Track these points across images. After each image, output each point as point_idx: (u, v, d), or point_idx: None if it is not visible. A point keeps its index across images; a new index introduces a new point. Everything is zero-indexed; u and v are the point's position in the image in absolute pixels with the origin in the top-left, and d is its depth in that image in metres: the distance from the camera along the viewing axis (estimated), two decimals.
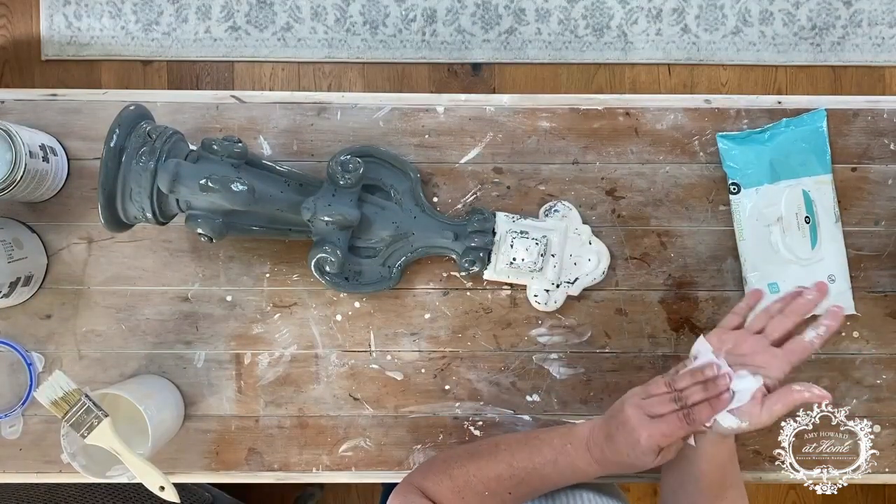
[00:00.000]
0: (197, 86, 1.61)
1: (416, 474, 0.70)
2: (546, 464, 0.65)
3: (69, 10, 1.60)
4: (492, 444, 0.69)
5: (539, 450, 0.66)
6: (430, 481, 0.67)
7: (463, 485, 0.66)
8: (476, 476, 0.66)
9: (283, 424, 0.81)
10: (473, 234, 0.77)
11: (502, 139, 0.81)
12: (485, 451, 0.68)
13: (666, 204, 0.81)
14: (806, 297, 0.63)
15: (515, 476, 0.66)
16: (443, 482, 0.67)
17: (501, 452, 0.67)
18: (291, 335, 0.81)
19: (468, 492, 0.66)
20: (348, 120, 0.81)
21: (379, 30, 1.59)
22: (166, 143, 0.68)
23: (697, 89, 1.61)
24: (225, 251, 0.81)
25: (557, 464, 0.65)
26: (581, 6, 1.60)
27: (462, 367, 0.81)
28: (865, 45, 1.59)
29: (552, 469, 0.65)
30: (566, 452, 0.65)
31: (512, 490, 0.66)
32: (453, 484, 0.67)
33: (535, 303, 0.80)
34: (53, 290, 0.80)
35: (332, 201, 0.72)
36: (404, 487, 0.68)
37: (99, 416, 0.69)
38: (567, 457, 0.65)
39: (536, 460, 0.66)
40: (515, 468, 0.66)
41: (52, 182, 0.77)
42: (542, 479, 0.66)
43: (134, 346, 0.81)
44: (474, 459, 0.68)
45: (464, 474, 0.67)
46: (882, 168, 0.81)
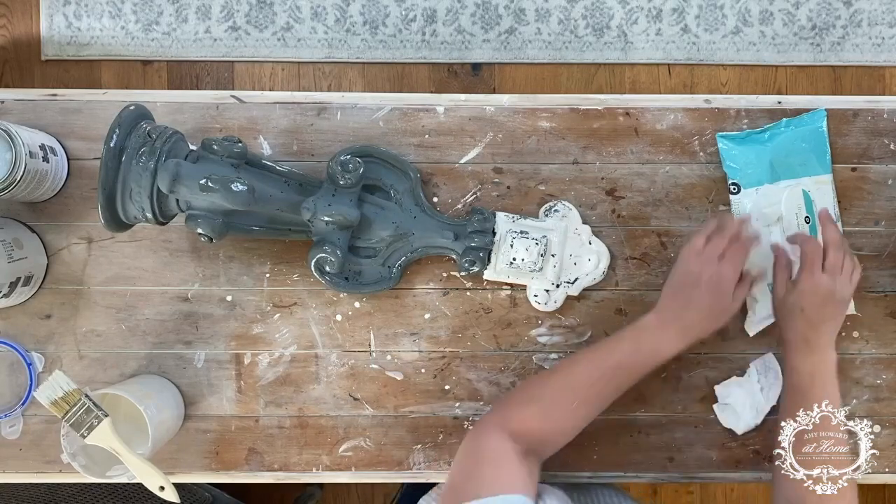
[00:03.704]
0: (197, 86, 1.61)
1: (492, 413, 0.70)
2: (628, 355, 0.68)
3: (69, 10, 1.60)
4: (566, 362, 0.71)
5: (617, 346, 0.69)
6: (513, 411, 0.68)
7: (550, 403, 0.68)
8: (562, 392, 0.68)
9: (283, 424, 0.81)
10: (473, 234, 0.77)
11: (502, 139, 0.81)
12: (562, 368, 0.70)
13: (666, 204, 0.81)
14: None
15: (603, 377, 0.68)
16: (527, 408, 0.68)
17: (580, 363, 0.69)
18: (291, 335, 0.81)
19: (555, 409, 0.68)
20: (348, 120, 0.81)
21: (379, 30, 1.59)
22: (166, 143, 0.68)
23: (697, 89, 1.61)
24: (225, 251, 0.81)
25: (640, 352, 0.68)
26: (581, 6, 1.60)
27: (462, 367, 0.81)
28: (865, 45, 1.59)
29: (635, 358, 0.68)
30: (644, 339, 0.69)
31: (599, 393, 0.68)
32: (539, 407, 0.67)
33: (535, 303, 0.80)
34: (53, 290, 0.80)
35: (332, 201, 0.72)
36: (479, 428, 0.68)
37: (99, 416, 0.69)
38: (647, 342, 0.68)
39: (618, 357, 0.69)
40: (601, 370, 0.68)
41: (52, 182, 0.77)
42: (628, 374, 0.69)
43: (134, 346, 0.81)
44: (555, 378, 0.70)
45: (549, 394, 0.68)
46: (882, 168, 0.81)
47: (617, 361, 0.69)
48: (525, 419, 0.67)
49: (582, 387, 0.68)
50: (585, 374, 0.69)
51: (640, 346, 0.69)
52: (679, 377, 0.81)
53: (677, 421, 0.81)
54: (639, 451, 0.81)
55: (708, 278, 0.68)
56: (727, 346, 0.81)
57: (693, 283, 0.68)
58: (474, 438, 0.67)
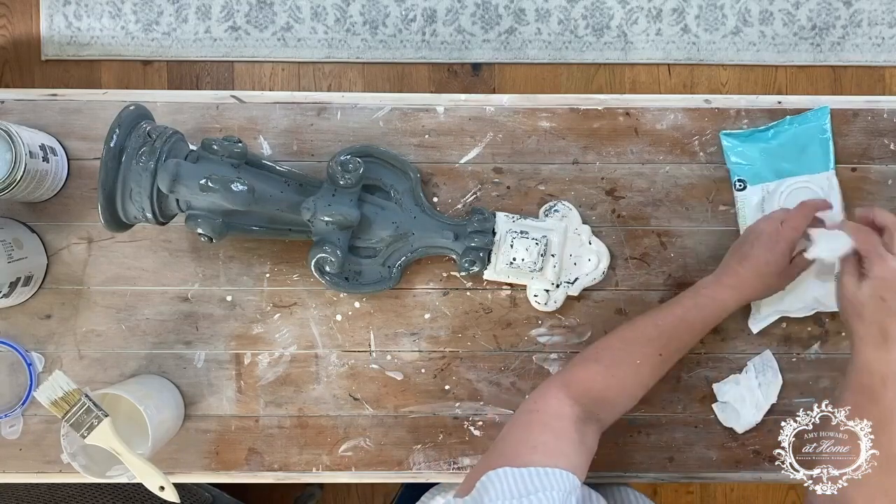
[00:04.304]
0: (197, 86, 1.61)
1: (561, 373, 0.71)
2: (689, 310, 0.70)
3: (69, 10, 1.60)
4: (628, 322, 0.73)
5: (678, 303, 0.71)
6: (575, 370, 0.69)
7: (613, 361, 0.69)
8: (624, 350, 0.69)
9: (283, 424, 0.81)
10: (473, 234, 0.77)
11: (502, 139, 0.81)
12: (624, 327, 0.72)
13: (666, 204, 0.81)
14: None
15: (664, 334, 0.69)
16: (591, 367, 0.69)
17: (641, 321, 0.71)
18: (291, 335, 0.81)
19: (619, 367, 0.69)
20: (348, 120, 0.81)
21: (379, 30, 1.59)
22: (166, 143, 0.68)
23: (697, 89, 1.61)
24: (225, 251, 0.81)
25: (698, 306, 0.70)
26: (581, 6, 1.60)
27: (462, 367, 0.81)
28: (865, 45, 1.59)
29: (696, 313, 0.70)
30: (702, 294, 0.71)
31: (662, 350, 0.69)
32: (602, 366, 0.68)
33: (535, 303, 0.80)
34: (53, 290, 0.80)
35: (332, 201, 0.72)
36: (542, 388, 0.68)
37: (99, 416, 0.69)
38: (704, 296, 0.71)
39: (678, 312, 0.70)
40: (661, 327, 0.70)
41: (52, 182, 0.77)
42: (689, 328, 0.70)
43: (134, 346, 0.81)
44: (616, 337, 0.71)
45: (612, 354, 0.69)
46: (882, 168, 0.81)
47: (677, 317, 0.70)
48: (587, 378, 0.68)
49: (644, 343, 0.69)
50: (647, 331, 0.70)
51: (698, 301, 0.71)
52: (678, 377, 0.81)
53: (677, 421, 0.81)
54: (639, 451, 0.81)
55: (767, 236, 0.70)
56: (727, 346, 0.81)
57: (753, 241, 0.71)
58: (535, 398, 0.67)
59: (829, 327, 0.81)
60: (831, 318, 0.81)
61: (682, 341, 0.71)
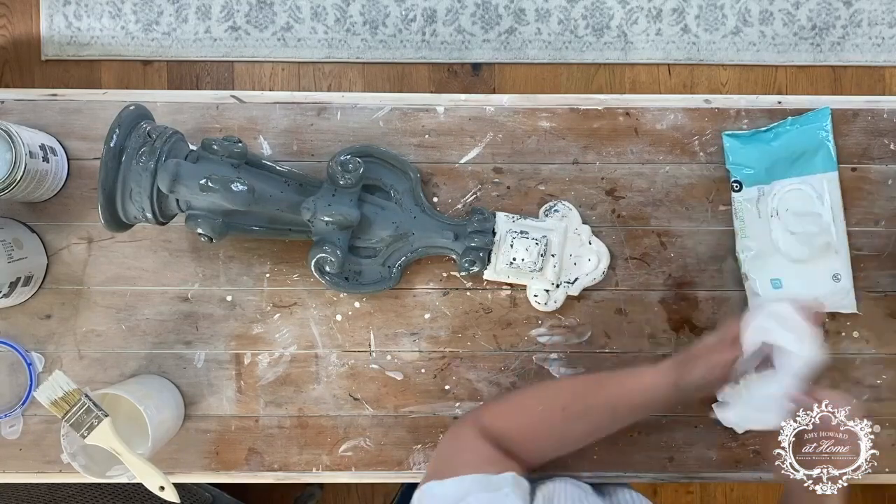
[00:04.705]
0: (197, 86, 1.61)
1: (481, 412, 0.71)
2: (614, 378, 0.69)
3: (69, 10, 1.60)
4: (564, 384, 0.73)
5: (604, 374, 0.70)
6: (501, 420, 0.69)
7: (538, 421, 0.68)
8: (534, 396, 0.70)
9: (283, 424, 0.81)
10: (473, 234, 0.77)
11: (502, 139, 0.81)
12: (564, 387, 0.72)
13: (666, 204, 0.81)
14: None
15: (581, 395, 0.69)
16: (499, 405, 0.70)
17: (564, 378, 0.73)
18: (291, 335, 0.81)
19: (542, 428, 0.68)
20: (348, 120, 0.81)
21: (379, 30, 1.59)
22: (166, 143, 0.68)
23: (697, 89, 1.61)
24: (225, 251, 0.81)
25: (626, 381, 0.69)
26: (581, 6, 1.60)
27: (462, 367, 0.81)
28: (865, 45, 1.59)
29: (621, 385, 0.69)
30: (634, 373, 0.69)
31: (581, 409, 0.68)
32: (527, 421, 0.69)
33: (535, 303, 0.80)
34: (53, 290, 0.80)
35: (332, 201, 0.72)
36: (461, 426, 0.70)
37: (99, 416, 0.69)
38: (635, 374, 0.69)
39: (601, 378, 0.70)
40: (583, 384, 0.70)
41: (52, 182, 0.77)
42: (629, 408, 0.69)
43: (134, 346, 0.81)
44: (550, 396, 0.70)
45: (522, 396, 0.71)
46: (882, 168, 0.81)
47: (597, 380, 0.70)
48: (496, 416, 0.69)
49: (557, 397, 0.69)
50: (563, 386, 0.71)
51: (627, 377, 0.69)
52: None
53: (677, 421, 0.81)
54: (639, 451, 0.81)
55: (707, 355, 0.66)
56: None
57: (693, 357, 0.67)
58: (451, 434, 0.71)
59: (829, 327, 0.81)
60: (831, 318, 0.81)
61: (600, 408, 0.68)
